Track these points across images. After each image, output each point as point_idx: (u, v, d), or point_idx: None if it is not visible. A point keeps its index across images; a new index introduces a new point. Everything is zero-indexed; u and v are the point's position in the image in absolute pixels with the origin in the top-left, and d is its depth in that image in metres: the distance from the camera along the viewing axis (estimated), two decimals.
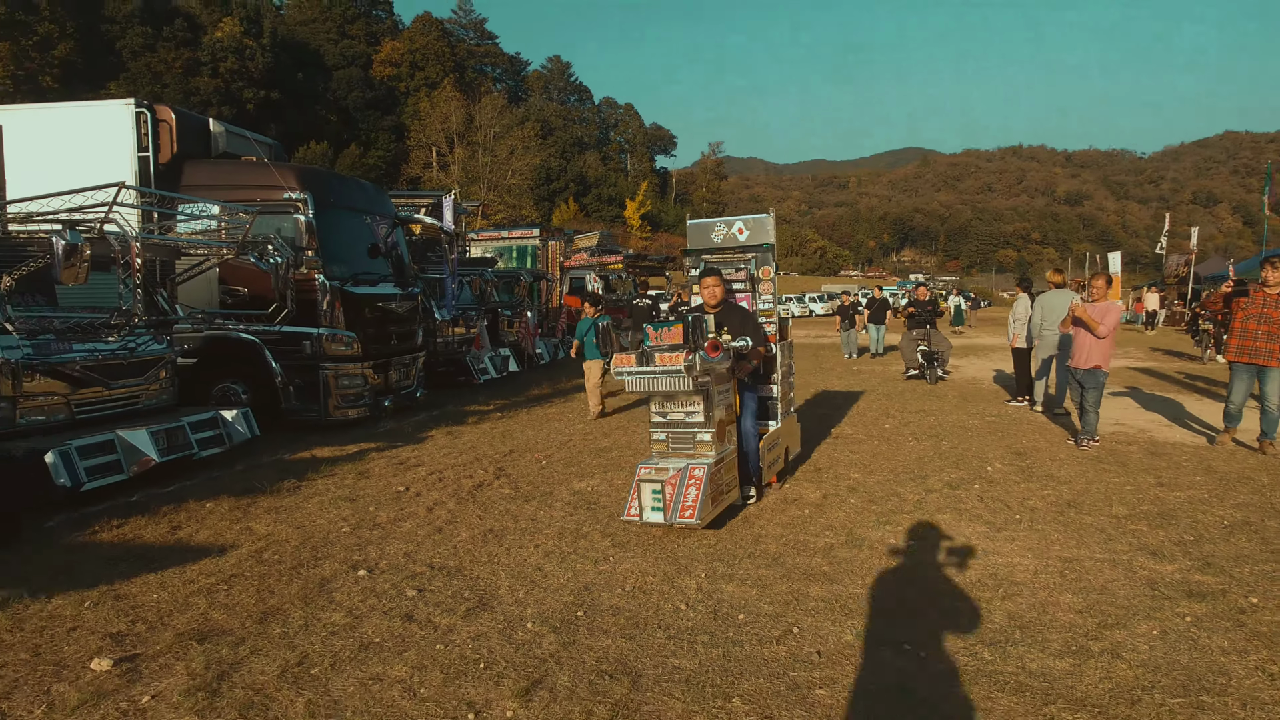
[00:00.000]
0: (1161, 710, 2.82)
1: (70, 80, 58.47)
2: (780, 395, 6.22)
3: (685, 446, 4.98)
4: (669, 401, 4.98)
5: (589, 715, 2.81)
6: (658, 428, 5.06)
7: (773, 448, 5.88)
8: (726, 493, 5.04)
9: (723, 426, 5.10)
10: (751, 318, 5.60)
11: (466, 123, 66.03)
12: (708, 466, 4.72)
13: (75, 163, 8.37)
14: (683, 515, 4.57)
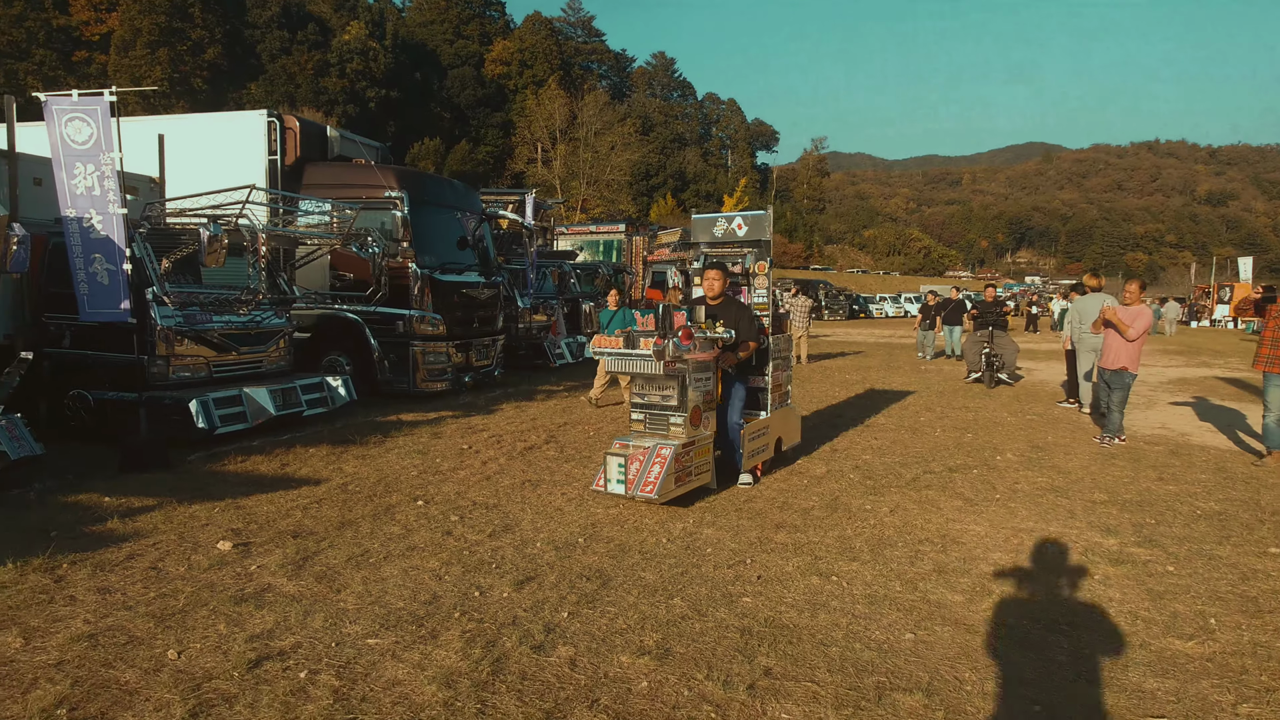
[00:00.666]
0: (1024, 629, 3.45)
1: (217, 81, 64.28)
2: (773, 387, 6.39)
3: (660, 428, 5.33)
4: (648, 385, 5.35)
5: (563, 600, 3.71)
6: (636, 408, 5.47)
7: (757, 436, 6.08)
8: (695, 475, 5.34)
9: (698, 413, 5.38)
10: (746, 312, 5.90)
11: (570, 119, 68.11)
12: (674, 448, 5.06)
13: (219, 162, 9.93)
14: (643, 490, 4.94)
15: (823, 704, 2.83)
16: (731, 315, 5.81)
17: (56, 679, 2.88)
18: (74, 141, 6.16)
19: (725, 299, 5.95)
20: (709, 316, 5.81)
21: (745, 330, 5.76)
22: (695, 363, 5.29)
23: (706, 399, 5.50)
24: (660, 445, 5.11)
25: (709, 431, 5.53)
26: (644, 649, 3.22)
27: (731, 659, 3.16)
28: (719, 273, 5.89)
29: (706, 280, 5.91)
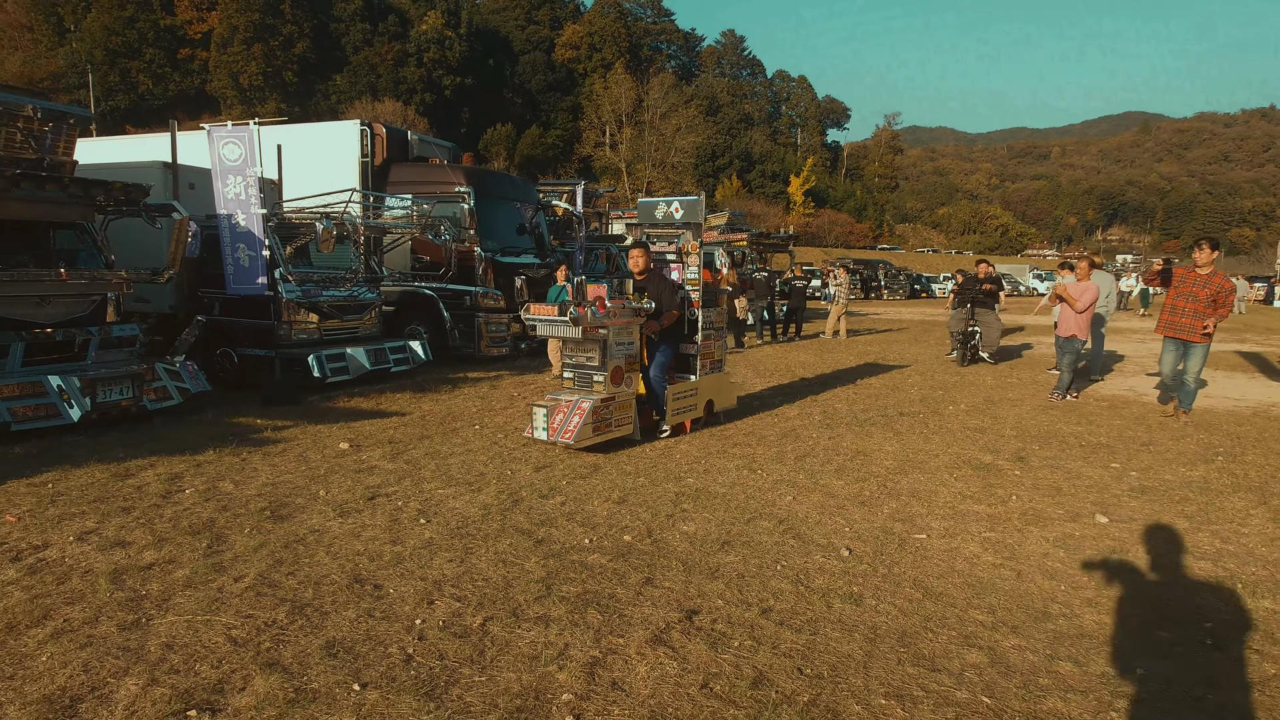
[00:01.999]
0: (875, 500, 5.07)
1: (305, 73, 68.35)
2: (703, 354, 7.17)
3: (585, 385, 6.24)
4: (575, 348, 6.28)
5: (563, 477, 5.51)
6: (567, 368, 6.42)
7: (684, 396, 6.93)
8: (616, 426, 6.23)
9: (620, 372, 6.23)
10: (669, 286, 6.66)
11: (636, 103, 69.56)
12: (594, 402, 5.95)
13: (323, 163, 12.09)
14: (563, 436, 5.90)
15: (711, 524, 4.56)
16: (655, 288, 6.60)
17: (256, 502, 4.87)
18: (228, 159, 8.28)
19: (650, 273, 6.75)
20: (636, 290, 6.58)
21: (667, 302, 6.57)
22: (616, 328, 6.11)
23: (629, 361, 6.34)
24: (581, 399, 6.00)
25: (631, 390, 6.38)
26: (610, 499, 5.02)
27: (664, 504, 4.92)
28: (642, 250, 6.81)
29: (631, 258, 6.83)
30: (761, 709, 2.72)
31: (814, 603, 3.59)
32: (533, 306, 6.22)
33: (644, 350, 6.63)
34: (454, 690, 2.81)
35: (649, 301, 6.45)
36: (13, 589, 3.60)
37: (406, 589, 3.66)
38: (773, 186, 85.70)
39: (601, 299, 5.97)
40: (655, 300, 6.54)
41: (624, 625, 3.33)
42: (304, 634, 3.21)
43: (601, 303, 5.91)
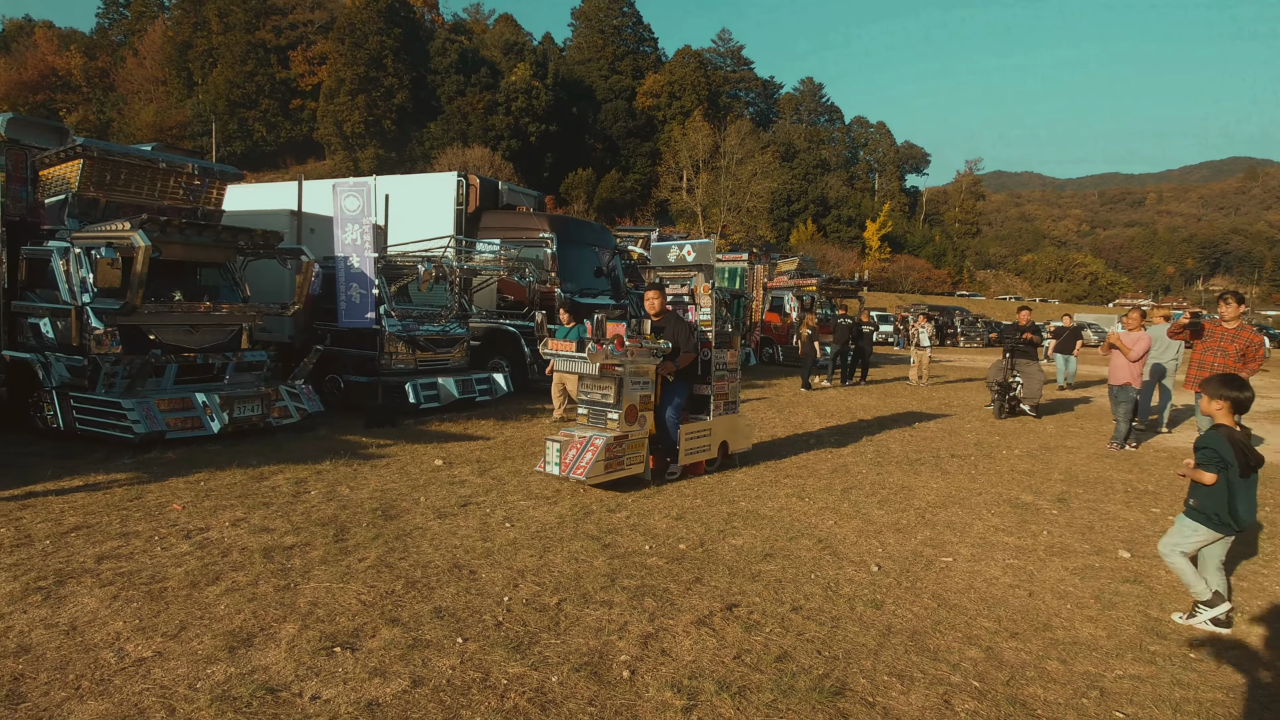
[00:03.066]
0: (910, 526, 5.56)
1: (403, 121, 72.89)
2: (716, 394, 7.20)
3: (599, 422, 6.26)
4: (591, 384, 6.33)
5: (627, 495, 6.20)
6: (583, 404, 6.44)
7: (697, 436, 6.95)
8: (628, 464, 6.21)
9: (634, 411, 6.22)
10: (684, 327, 6.61)
11: (712, 149, 71.15)
12: (607, 439, 5.95)
13: (423, 210, 13.37)
14: (575, 472, 5.87)
15: (757, 540, 5.17)
16: (671, 329, 6.61)
17: (368, 504, 5.75)
18: (348, 210, 9.50)
19: (667, 315, 6.78)
20: (653, 331, 6.65)
21: (684, 343, 6.54)
22: (632, 366, 6.17)
23: (643, 400, 6.34)
24: (595, 436, 6.00)
25: (643, 429, 6.37)
26: (669, 516, 5.68)
27: (716, 521, 5.55)
28: (657, 292, 6.82)
29: (647, 299, 6.81)
30: (782, 676, 3.32)
31: (839, 605, 4.15)
32: (551, 342, 6.32)
33: (658, 390, 6.62)
34: (535, 647, 3.52)
35: (666, 342, 6.43)
36: (189, 558, 4.53)
37: (495, 575, 4.40)
38: (848, 231, 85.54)
39: (620, 337, 6.01)
40: (672, 341, 6.52)
41: (674, 611, 3.98)
42: (416, 601, 3.99)
43: (620, 340, 5.95)
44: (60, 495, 5.81)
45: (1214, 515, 3.91)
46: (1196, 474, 3.96)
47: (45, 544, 4.72)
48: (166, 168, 8.89)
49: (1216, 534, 3.98)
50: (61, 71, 71.84)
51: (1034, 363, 12.16)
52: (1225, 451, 3.87)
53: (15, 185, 8.16)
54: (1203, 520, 3.96)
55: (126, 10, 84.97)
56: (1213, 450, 3.91)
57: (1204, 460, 3.95)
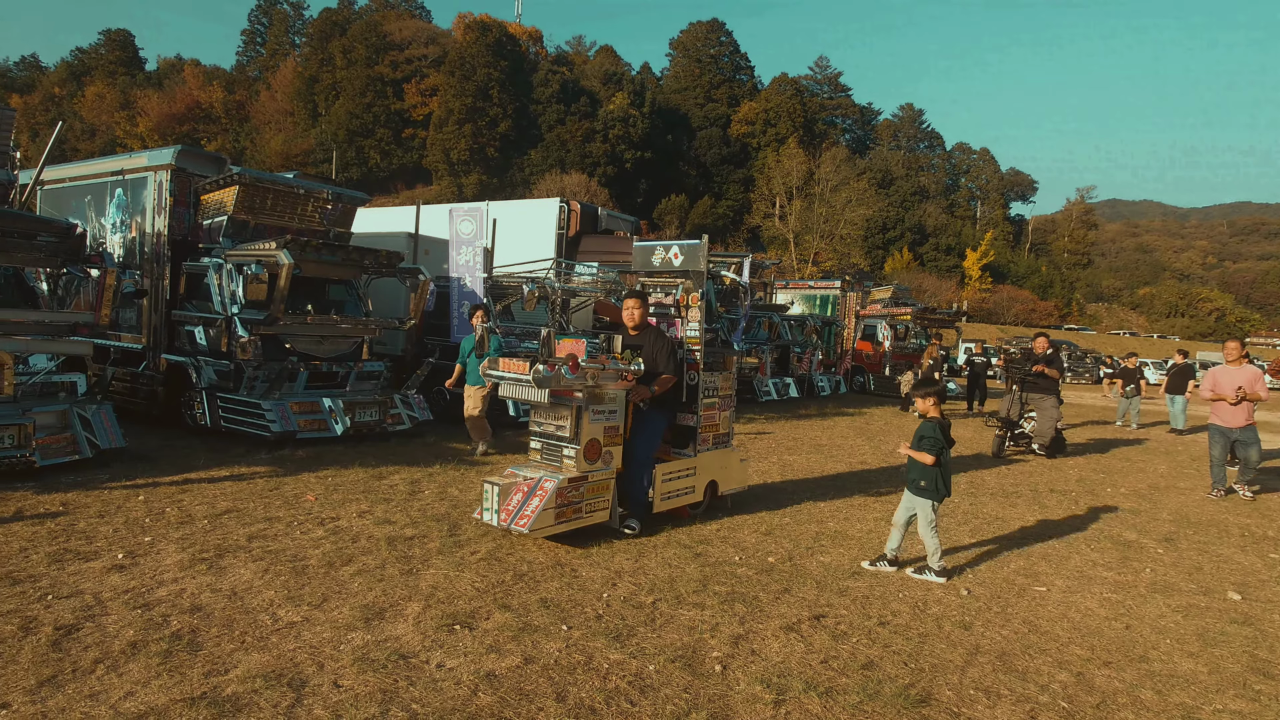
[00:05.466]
0: (992, 551, 5.54)
1: (505, 149, 75.97)
2: (704, 425, 6.07)
3: (553, 459, 5.16)
4: (545, 413, 5.20)
5: (711, 518, 6.42)
6: (535, 436, 5.32)
7: (677, 476, 5.81)
8: (587, 513, 5.16)
9: (596, 447, 5.14)
10: (666, 345, 5.53)
11: (807, 176, 70.77)
12: (558, 482, 4.91)
13: (527, 234, 14.07)
14: (517, 523, 4.82)
15: (845, 558, 5.29)
16: (650, 347, 5.52)
17: (477, 504, 6.20)
18: (462, 233, 10.20)
19: (646, 329, 5.67)
20: (626, 347, 5.55)
21: (662, 363, 5.46)
22: (592, 393, 5.07)
23: (609, 433, 5.25)
24: (545, 478, 4.98)
25: (609, 468, 5.30)
26: (759, 531, 5.87)
27: (805, 539, 5.70)
28: (637, 301, 5.66)
29: (625, 309, 5.68)
30: (868, 682, 3.47)
31: (926, 623, 4.24)
32: (501, 361, 5.22)
33: (629, 421, 5.50)
34: (633, 639, 3.80)
35: (638, 363, 5.32)
36: (324, 542, 5.06)
37: (595, 573, 4.72)
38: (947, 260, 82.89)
39: (575, 357, 4.92)
40: (648, 361, 5.45)
41: (763, 616, 4.17)
42: (524, 591, 4.34)
43: (575, 361, 4.87)
44: (212, 483, 6.54)
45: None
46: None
47: (204, 523, 5.36)
48: (305, 193, 9.83)
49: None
50: (205, 104, 78.79)
51: (1050, 397, 10.76)
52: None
53: (180, 208, 9.22)
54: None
55: (263, 48, 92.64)
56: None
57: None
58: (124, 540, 4.91)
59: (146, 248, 9.29)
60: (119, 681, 3.12)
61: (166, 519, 5.41)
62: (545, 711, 3.06)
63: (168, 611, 3.82)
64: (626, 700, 3.19)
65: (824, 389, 19.89)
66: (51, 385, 7.20)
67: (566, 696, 3.19)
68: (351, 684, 3.20)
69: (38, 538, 4.85)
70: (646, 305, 5.77)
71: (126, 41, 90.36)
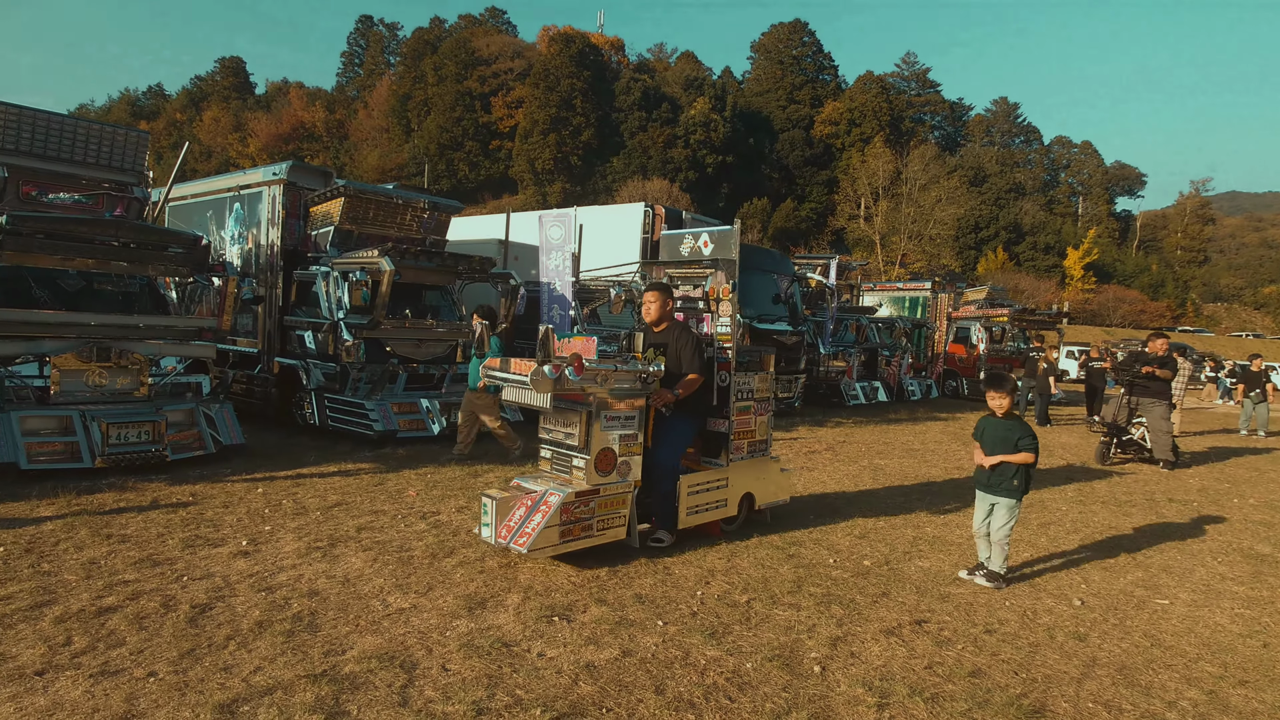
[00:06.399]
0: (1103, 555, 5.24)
1: (588, 157, 77.19)
2: (737, 432, 5.51)
3: (563, 470, 4.75)
4: (554, 420, 4.78)
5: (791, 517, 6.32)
6: (544, 444, 4.90)
7: (706, 489, 5.28)
8: (598, 530, 4.67)
9: (610, 457, 4.70)
10: (691, 342, 5.08)
11: (893, 176, 68.84)
12: (563, 496, 4.45)
13: (612, 238, 14.26)
14: (516, 542, 4.38)
15: (945, 564, 5.11)
16: (673, 345, 5.09)
17: None
18: (552, 239, 10.44)
19: (670, 325, 5.25)
20: (649, 346, 5.15)
21: (687, 363, 5.00)
22: (605, 397, 4.65)
23: (625, 441, 4.79)
24: (549, 492, 4.53)
25: (627, 480, 4.81)
26: (852, 534, 5.74)
27: (901, 543, 5.54)
28: (657, 294, 5.23)
29: (645, 303, 5.28)
30: (976, 690, 3.35)
31: (1037, 632, 4.05)
32: (499, 361, 4.82)
33: (650, 427, 5.06)
34: (729, 637, 3.79)
35: (657, 363, 4.87)
36: (427, 534, 5.26)
37: (688, 571, 4.73)
38: (1045, 260, 78.93)
39: (580, 357, 4.47)
40: (673, 361, 5.04)
41: (861, 620, 4.09)
42: (619, 586, 4.40)
43: (580, 362, 4.42)
44: (322, 478, 6.91)
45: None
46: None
47: (316, 514, 5.67)
48: (403, 203, 10.27)
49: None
50: (308, 124, 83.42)
51: (1161, 403, 9.94)
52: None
53: (291, 220, 9.80)
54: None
55: (360, 69, 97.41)
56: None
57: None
58: (246, 529, 5.25)
59: (261, 258, 9.91)
60: (248, 657, 3.34)
61: (283, 510, 5.76)
62: (645, 704, 3.10)
63: (288, 595, 4.07)
64: (725, 696, 3.19)
65: (914, 393, 19.28)
66: (179, 386, 7.79)
67: (665, 690, 3.22)
68: (458, 668, 3.32)
69: (172, 525, 5.25)
70: (669, 299, 5.33)
71: (239, 68, 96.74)
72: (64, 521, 5.19)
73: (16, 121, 7.35)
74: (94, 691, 2.99)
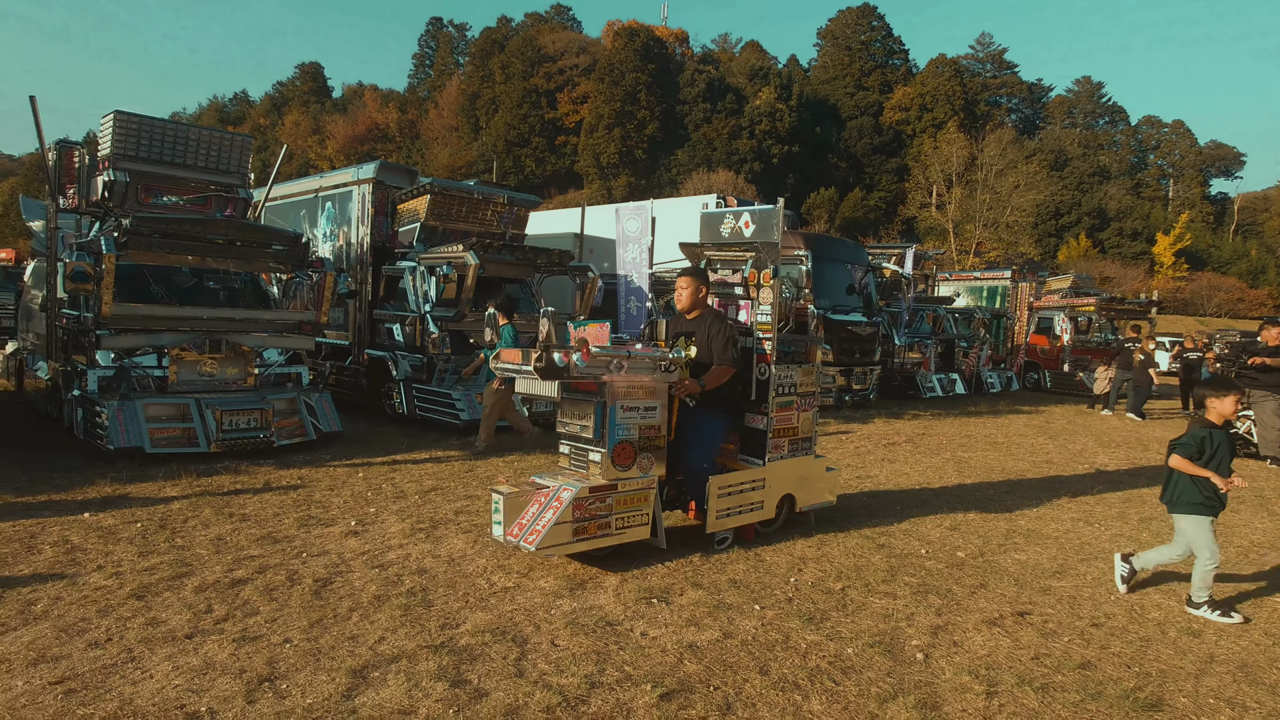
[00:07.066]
0: None
1: (653, 150, 77.26)
2: (778, 429, 5.12)
3: (580, 465, 4.53)
4: (569, 411, 4.55)
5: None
6: (562, 439, 4.68)
7: (737, 490, 4.91)
8: (616, 530, 4.40)
9: (628, 451, 4.43)
10: (724, 331, 4.82)
11: (968, 162, 66.60)
12: (575, 492, 4.21)
13: (683, 230, 14.25)
14: (526, 540, 4.16)
15: (1043, 557, 5.00)
16: (704, 334, 4.86)
17: None
18: (629, 232, 10.55)
19: (704, 313, 5.02)
20: (680, 334, 4.96)
21: (717, 353, 4.77)
22: (624, 386, 4.36)
23: (645, 433, 4.52)
24: (562, 488, 4.31)
25: (648, 476, 4.55)
26: (943, 526, 5.66)
27: (995, 536, 5.44)
28: (690, 279, 5.01)
29: (677, 289, 5.10)
30: (1087, 681, 3.29)
31: (1148, 628, 3.94)
32: (505, 353, 4.65)
33: (674, 419, 4.83)
34: (827, 622, 3.82)
35: (678, 349, 4.65)
36: None
37: (779, 559, 4.77)
38: (1132, 246, 75.10)
39: (587, 343, 4.20)
40: (703, 350, 4.81)
41: (960, 610, 4.05)
42: (713, 571, 4.47)
43: (587, 349, 4.15)
44: (416, 464, 7.21)
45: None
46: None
47: (415, 498, 5.94)
48: (483, 199, 10.56)
49: None
50: (382, 125, 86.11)
51: (1272, 397, 9.32)
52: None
53: (380, 218, 10.20)
54: None
55: (430, 70, 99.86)
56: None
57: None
58: (353, 510, 5.54)
59: (351, 254, 10.36)
60: (371, 628, 3.55)
61: (384, 493, 6.05)
62: (750, 683, 3.16)
63: (400, 572, 4.29)
64: (830, 679, 3.23)
65: (994, 385, 18.69)
66: (281, 376, 8.22)
67: (769, 671, 3.28)
68: (567, 644, 3.45)
69: (285, 505, 5.59)
70: (703, 285, 5.06)
71: (317, 73, 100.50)
72: (189, 501, 5.58)
73: (137, 130, 7.89)
74: (238, 654, 3.24)
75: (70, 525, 4.92)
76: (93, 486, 5.87)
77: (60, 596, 3.78)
